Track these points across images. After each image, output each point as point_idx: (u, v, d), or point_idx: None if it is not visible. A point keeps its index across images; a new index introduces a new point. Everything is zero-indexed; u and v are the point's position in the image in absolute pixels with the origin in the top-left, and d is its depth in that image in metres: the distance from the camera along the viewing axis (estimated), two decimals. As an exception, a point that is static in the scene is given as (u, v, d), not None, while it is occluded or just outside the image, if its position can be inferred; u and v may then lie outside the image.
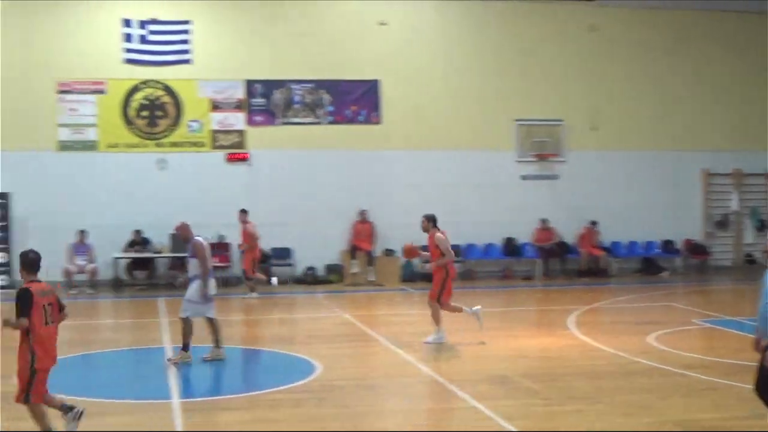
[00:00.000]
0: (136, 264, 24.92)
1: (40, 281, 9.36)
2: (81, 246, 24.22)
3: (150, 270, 25.02)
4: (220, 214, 24.97)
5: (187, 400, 11.39)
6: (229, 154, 25.79)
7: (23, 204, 24.43)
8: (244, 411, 10.91)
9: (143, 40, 25.37)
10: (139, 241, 24.61)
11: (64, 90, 25.05)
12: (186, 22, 25.52)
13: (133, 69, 25.38)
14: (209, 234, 24.47)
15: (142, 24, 25.32)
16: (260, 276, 22.92)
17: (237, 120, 25.86)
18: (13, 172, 24.43)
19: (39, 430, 9.48)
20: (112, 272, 24.51)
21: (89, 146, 25.21)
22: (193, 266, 14.05)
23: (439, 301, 15.50)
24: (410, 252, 17.13)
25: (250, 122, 25.92)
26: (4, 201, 24.26)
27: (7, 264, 24.22)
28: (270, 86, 26.00)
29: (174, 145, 25.60)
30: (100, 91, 25.24)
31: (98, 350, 15.59)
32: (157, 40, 25.46)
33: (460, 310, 15.85)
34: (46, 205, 24.67)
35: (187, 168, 25.50)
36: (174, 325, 17.61)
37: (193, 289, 13.91)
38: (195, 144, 25.70)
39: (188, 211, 23.79)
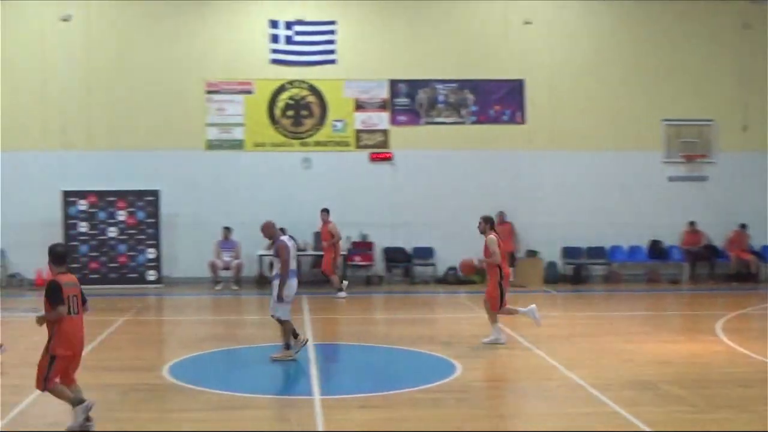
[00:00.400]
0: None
1: (67, 273, 9.77)
2: (227, 242, 24.67)
3: (293, 267, 25.27)
4: (364, 213, 25.23)
5: (328, 396, 11.44)
6: (373, 153, 25.93)
7: (172, 201, 25.00)
8: (383, 409, 10.92)
9: (289, 40, 25.73)
10: (284, 239, 24.87)
11: (213, 90, 25.60)
12: (331, 23, 25.76)
13: (279, 69, 25.75)
14: (353, 233, 24.88)
15: (289, 25, 25.67)
16: (335, 279, 22.74)
17: (381, 120, 25.98)
18: (162, 170, 25.13)
19: (70, 404, 9.66)
20: (257, 269, 24.92)
21: (236, 145, 25.70)
22: (277, 265, 14.15)
23: (501, 307, 15.58)
24: (467, 268, 17.11)
25: (394, 122, 26.02)
26: (153, 198, 24.91)
27: (156, 259, 24.86)
28: (414, 86, 26.04)
29: (318, 144, 25.87)
30: (248, 91, 25.70)
31: (242, 346, 15.84)
32: (303, 41, 25.77)
33: (515, 312, 15.92)
34: (193, 203, 25.27)
35: (331, 167, 25.74)
36: (316, 323, 17.87)
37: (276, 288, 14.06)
38: (339, 143, 25.92)
39: (332, 210, 24.09)
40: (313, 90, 25.87)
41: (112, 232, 24.93)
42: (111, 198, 24.99)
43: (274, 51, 25.67)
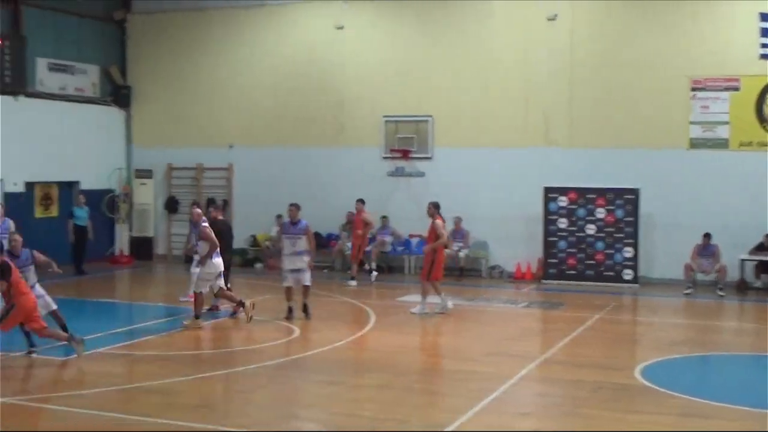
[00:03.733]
0: (764, 267, 24.04)
1: None
2: (706, 248, 23.76)
3: (778, 273, 24.05)
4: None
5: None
6: None
7: (650, 200, 24.69)
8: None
9: (780, 35, 24.44)
10: (768, 244, 23.73)
11: (697, 87, 24.93)
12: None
13: (769, 65, 24.57)
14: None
15: (780, 18, 24.41)
16: (355, 267, 24.22)
17: None
18: (643, 168, 24.86)
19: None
20: (738, 274, 23.89)
21: (720, 144, 24.83)
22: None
23: (429, 279, 18.21)
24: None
25: None
26: (633, 197, 24.74)
27: (633, 258, 24.66)
28: None
29: (813, 143, 24.34)
30: (734, 88, 24.73)
31: (717, 352, 15.38)
32: (795, 35, 24.38)
33: (428, 292, 18.32)
34: (671, 203, 24.76)
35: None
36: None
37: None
38: None
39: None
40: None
41: (591, 229, 25.10)
42: (591, 195, 25.17)
43: (764, 45, 24.49)
